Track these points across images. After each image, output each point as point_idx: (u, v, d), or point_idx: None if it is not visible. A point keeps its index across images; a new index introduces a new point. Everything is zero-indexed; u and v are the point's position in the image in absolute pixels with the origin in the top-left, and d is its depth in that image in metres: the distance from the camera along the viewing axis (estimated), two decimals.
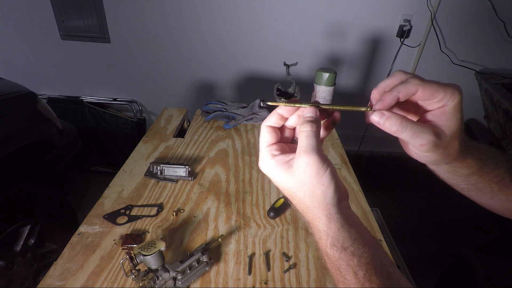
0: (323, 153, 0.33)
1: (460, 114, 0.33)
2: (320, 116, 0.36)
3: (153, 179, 0.89)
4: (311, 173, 0.32)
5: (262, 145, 0.37)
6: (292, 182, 0.33)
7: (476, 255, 1.01)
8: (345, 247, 0.32)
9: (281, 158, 0.35)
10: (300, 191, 0.33)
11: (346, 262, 0.32)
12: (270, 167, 0.35)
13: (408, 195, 2.19)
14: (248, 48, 2.01)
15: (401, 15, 1.88)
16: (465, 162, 0.37)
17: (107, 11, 1.89)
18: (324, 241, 0.33)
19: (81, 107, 2.10)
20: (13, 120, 1.13)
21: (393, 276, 0.32)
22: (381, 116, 0.33)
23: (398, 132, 0.32)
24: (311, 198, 0.33)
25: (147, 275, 0.58)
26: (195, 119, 1.24)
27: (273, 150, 0.36)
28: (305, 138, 0.33)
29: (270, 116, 0.38)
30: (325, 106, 0.37)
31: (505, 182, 0.39)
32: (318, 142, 0.33)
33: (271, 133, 0.37)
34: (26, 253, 1.16)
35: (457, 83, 0.34)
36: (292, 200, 0.36)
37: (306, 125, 0.34)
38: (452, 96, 0.32)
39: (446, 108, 0.33)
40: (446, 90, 0.32)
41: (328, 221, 0.33)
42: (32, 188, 1.21)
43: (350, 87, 2.15)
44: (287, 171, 0.34)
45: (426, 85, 0.32)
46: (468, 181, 0.39)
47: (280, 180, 0.35)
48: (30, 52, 2.03)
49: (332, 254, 0.33)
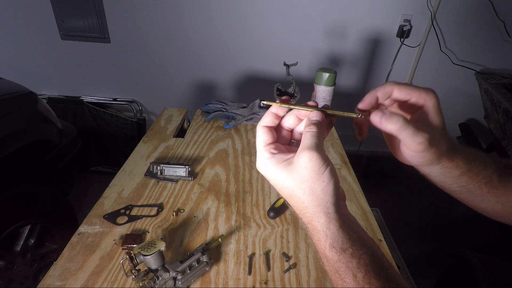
0: (325, 153, 0.33)
1: (441, 114, 0.36)
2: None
3: (153, 179, 0.89)
4: (312, 169, 0.32)
5: (259, 145, 0.37)
6: (292, 179, 0.33)
7: (476, 255, 1.01)
8: (344, 249, 0.32)
9: (281, 157, 0.35)
10: (300, 188, 0.33)
11: (345, 264, 0.32)
12: (269, 166, 0.35)
13: (408, 195, 2.19)
14: (248, 48, 2.01)
15: (401, 15, 1.88)
16: (454, 162, 0.38)
17: (107, 11, 1.89)
18: (323, 242, 0.33)
19: (81, 107, 2.10)
20: (13, 120, 1.13)
21: (392, 277, 0.32)
22: (382, 116, 0.34)
23: (399, 131, 0.33)
24: (311, 196, 0.33)
25: (147, 275, 0.58)
26: (195, 119, 1.24)
27: (271, 149, 0.36)
28: (310, 137, 0.33)
29: (265, 116, 0.38)
30: (317, 109, 0.37)
31: (493, 183, 0.40)
32: (321, 142, 0.34)
33: (268, 132, 0.37)
34: (26, 253, 1.16)
35: (457, 83, 0.35)
36: (290, 200, 0.35)
37: (312, 126, 0.35)
38: (427, 95, 0.35)
39: (427, 108, 0.36)
40: (419, 90, 0.36)
41: (328, 220, 0.33)
42: (32, 188, 1.21)
43: (350, 87, 2.15)
44: (287, 168, 0.34)
45: (401, 86, 0.36)
46: (459, 183, 0.40)
47: (279, 178, 0.35)
48: (30, 52, 2.03)
49: (331, 256, 0.33)
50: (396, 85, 0.36)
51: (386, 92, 0.36)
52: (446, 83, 2.09)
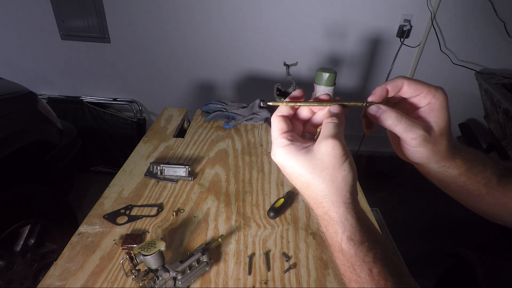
0: (346, 145, 0.33)
1: (446, 113, 0.36)
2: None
3: (153, 179, 0.89)
4: (335, 157, 0.32)
5: (275, 133, 0.36)
6: (312, 167, 0.33)
7: (476, 255, 1.01)
8: (362, 241, 0.31)
9: (299, 144, 0.35)
10: (320, 176, 0.32)
11: (362, 258, 0.31)
12: (287, 153, 0.34)
13: (408, 195, 2.19)
14: (248, 48, 2.01)
15: (401, 15, 1.88)
16: (454, 162, 0.38)
17: (107, 11, 1.89)
18: (340, 234, 0.32)
19: (81, 107, 2.10)
20: (13, 120, 1.13)
21: (405, 274, 0.31)
22: (378, 110, 0.35)
23: (393, 125, 0.35)
24: (331, 184, 0.32)
25: (147, 275, 0.58)
26: (195, 119, 1.24)
27: (289, 136, 0.36)
28: (332, 126, 0.33)
29: (280, 107, 0.38)
30: (325, 103, 0.37)
31: (492, 185, 0.40)
32: (342, 133, 0.34)
33: (284, 121, 0.37)
34: (26, 253, 1.16)
35: (457, 83, 0.35)
36: (306, 189, 0.34)
37: (334, 118, 0.35)
38: (436, 93, 0.35)
39: (433, 105, 0.36)
40: (429, 87, 0.35)
41: (346, 211, 0.32)
42: (32, 188, 1.21)
43: (350, 87, 2.15)
44: (306, 155, 0.33)
45: (411, 81, 0.36)
46: (458, 183, 0.40)
47: (297, 166, 0.34)
48: (30, 52, 2.04)
49: (347, 249, 0.32)
50: (407, 80, 0.36)
51: (397, 85, 0.36)
52: (446, 83, 2.09)
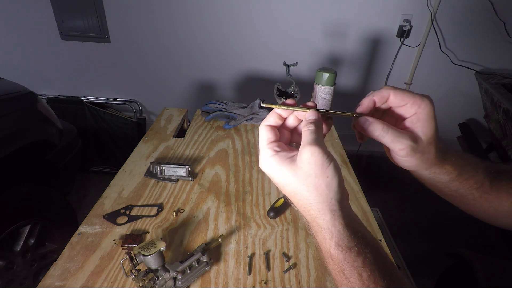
0: (327, 150, 0.33)
1: (433, 122, 0.36)
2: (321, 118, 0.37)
3: (153, 179, 0.89)
4: (316, 164, 0.32)
5: (262, 143, 0.37)
6: (296, 176, 0.33)
7: (476, 255, 1.01)
8: (350, 247, 0.32)
9: (284, 154, 0.35)
10: (304, 185, 0.33)
11: (351, 263, 0.31)
12: (272, 164, 0.35)
13: (408, 195, 2.19)
14: (248, 48, 2.01)
15: (401, 15, 1.88)
16: (443, 168, 0.39)
17: (107, 11, 1.89)
18: (328, 241, 0.33)
19: (81, 107, 2.10)
20: (13, 120, 1.13)
21: (396, 277, 0.31)
22: (365, 121, 0.36)
23: (380, 137, 0.35)
24: (315, 192, 0.33)
25: (147, 275, 0.58)
26: (195, 119, 1.24)
27: (275, 146, 0.36)
28: (309, 133, 0.34)
29: (269, 116, 0.38)
30: (317, 110, 0.38)
31: (485, 189, 0.40)
32: (321, 138, 0.34)
33: (271, 131, 0.37)
34: (26, 253, 1.16)
35: (457, 83, 0.35)
36: (293, 198, 0.35)
37: (310, 125, 0.35)
38: (421, 103, 0.35)
39: (419, 115, 0.36)
40: (415, 97, 0.36)
41: (333, 218, 0.33)
42: (32, 188, 1.21)
43: (350, 87, 2.15)
44: (290, 165, 0.34)
45: (397, 91, 0.36)
46: (450, 187, 0.40)
47: (282, 175, 0.34)
48: (30, 52, 2.03)
49: (336, 255, 0.32)
50: (393, 90, 0.36)
51: (383, 96, 0.37)
52: (446, 83, 2.09)
